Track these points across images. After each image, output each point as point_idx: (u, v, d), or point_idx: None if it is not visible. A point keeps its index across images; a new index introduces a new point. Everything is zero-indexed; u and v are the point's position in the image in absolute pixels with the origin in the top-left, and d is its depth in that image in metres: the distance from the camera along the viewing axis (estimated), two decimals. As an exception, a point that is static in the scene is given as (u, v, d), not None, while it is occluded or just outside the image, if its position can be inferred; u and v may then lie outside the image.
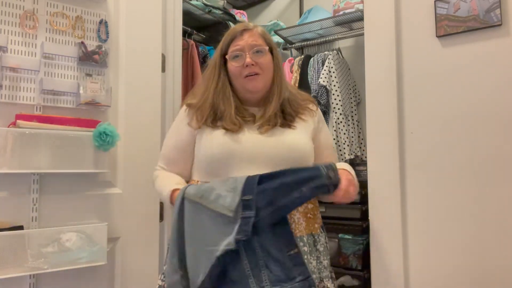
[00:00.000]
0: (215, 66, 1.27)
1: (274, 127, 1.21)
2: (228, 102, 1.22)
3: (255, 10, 3.22)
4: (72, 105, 1.54)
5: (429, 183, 1.56)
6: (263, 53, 1.23)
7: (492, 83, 1.46)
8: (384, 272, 1.62)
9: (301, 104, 1.31)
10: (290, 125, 1.23)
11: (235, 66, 1.22)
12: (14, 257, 1.32)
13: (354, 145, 2.39)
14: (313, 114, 1.31)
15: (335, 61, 2.43)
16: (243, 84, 1.23)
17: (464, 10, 1.51)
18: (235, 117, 1.20)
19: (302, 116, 1.28)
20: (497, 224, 1.43)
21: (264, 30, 1.29)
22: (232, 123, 1.19)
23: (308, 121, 1.29)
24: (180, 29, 1.99)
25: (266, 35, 1.28)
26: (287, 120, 1.24)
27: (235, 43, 1.23)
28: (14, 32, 1.43)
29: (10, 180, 1.39)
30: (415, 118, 1.60)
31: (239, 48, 1.22)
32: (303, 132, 1.25)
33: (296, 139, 1.22)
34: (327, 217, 2.29)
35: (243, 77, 1.22)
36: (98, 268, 1.50)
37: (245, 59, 1.20)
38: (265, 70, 1.23)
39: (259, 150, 1.17)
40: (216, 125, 1.22)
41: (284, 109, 1.25)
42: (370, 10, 1.73)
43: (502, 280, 1.41)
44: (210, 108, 1.23)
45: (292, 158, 1.18)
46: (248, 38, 1.22)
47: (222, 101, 1.23)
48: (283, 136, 1.21)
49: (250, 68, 1.20)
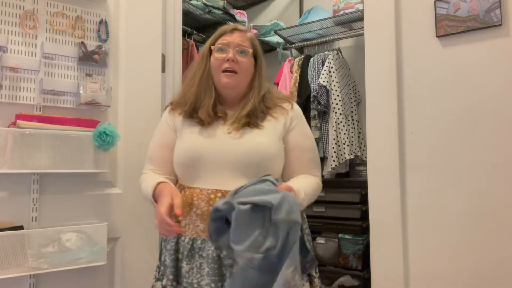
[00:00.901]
0: (203, 57, 1.31)
1: (243, 127, 1.23)
2: (210, 94, 1.27)
3: (255, 10, 3.22)
4: (72, 105, 1.54)
5: (429, 183, 1.56)
6: (246, 54, 1.27)
7: (492, 83, 1.46)
8: (384, 272, 1.62)
9: (276, 102, 1.31)
10: (259, 125, 1.24)
11: (217, 58, 1.26)
12: (14, 257, 1.31)
13: (354, 145, 2.39)
14: (286, 112, 1.30)
15: (335, 61, 2.43)
16: (219, 78, 1.26)
17: (464, 10, 1.51)
18: (211, 110, 1.25)
19: (273, 114, 1.28)
20: (497, 224, 1.43)
21: (254, 37, 1.34)
22: (206, 114, 1.24)
23: (278, 119, 1.28)
24: (180, 29, 1.99)
25: (254, 41, 1.32)
26: (258, 117, 1.25)
27: (224, 38, 1.28)
28: (14, 32, 1.43)
29: (10, 180, 1.39)
30: (415, 118, 1.60)
31: (226, 43, 1.26)
32: (270, 132, 1.25)
33: (259, 143, 1.22)
34: (327, 217, 2.29)
35: (221, 71, 1.25)
36: (98, 268, 1.50)
37: (228, 53, 1.24)
38: (243, 70, 1.26)
39: (222, 155, 1.20)
40: (193, 117, 1.27)
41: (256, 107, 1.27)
42: (370, 10, 1.73)
43: (502, 280, 1.41)
44: (194, 96, 1.28)
45: (254, 162, 1.19)
46: (236, 37, 1.27)
47: (204, 91, 1.27)
48: (248, 139, 1.22)
49: (230, 63, 1.24)
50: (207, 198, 1.18)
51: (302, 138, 1.30)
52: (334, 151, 2.31)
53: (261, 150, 1.21)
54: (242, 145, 1.21)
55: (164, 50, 1.86)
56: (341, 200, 2.27)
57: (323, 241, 2.26)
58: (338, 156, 2.32)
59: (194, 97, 1.28)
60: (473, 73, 1.50)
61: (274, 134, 1.25)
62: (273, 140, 1.24)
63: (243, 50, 1.26)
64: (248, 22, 2.74)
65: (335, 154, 2.31)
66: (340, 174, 2.43)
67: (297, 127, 1.30)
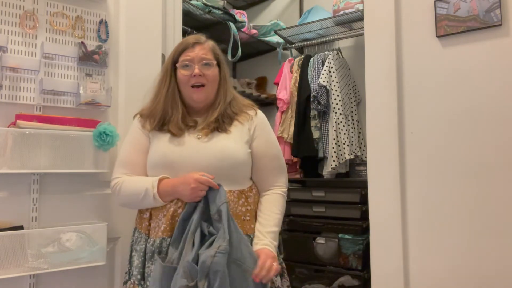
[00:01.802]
0: (166, 72, 1.37)
1: (212, 132, 1.30)
2: (176, 108, 1.33)
3: (255, 10, 3.22)
4: (72, 105, 1.54)
5: (429, 183, 1.56)
6: (211, 66, 1.33)
7: (492, 83, 1.46)
8: (384, 272, 1.62)
9: (241, 108, 1.39)
10: (227, 130, 1.32)
11: (184, 75, 1.32)
12: (14, 257, 1.31)
13: (354, 145, 2.39)
14: (250, 118, 1.37)
15: (335, 61, 2.43)
16: (189, 93, 1.33)
17: (464, 10, 1.51)
18: (180, 123, 1.31)
19: (239, 119, 1.36)
20: (497, 224, 1.43)
21: (215, 44, 1.39)
22: (177, 128, 1.30)
23: (244, 124, 1.36)
24: (180, 29, 1.99)
25: (215, 50, 1.38)
26: (225, 123, 1.33)
27: (186, 54, 1.33)
28: (14, 32, 1.43)
29: (10, 180, 1.39)
30: (415, 118, 1.60)
31: (189, 59, 1.31)
32: (237, 137, 1.32)
33: (227, 147, 1.29)
34: (327, 217, 2.29)
35: (189, 86, 1.32)
36: (98, 268, 1.50)
37: (194, 69, 1.30)
38: (210, 81, 1.33)
39: (197, 157, 1.27)
40: (163, 129, 1.33)
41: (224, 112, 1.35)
42: (370, 10, 1.73)
43: (502, 280, 1.41)
44: (161, 112, 1.34)
45: (224, 166, 1.26)
46: (199, 51, 1.32)
47: (171, 107, 1.33)
48: (216, 142, 1.29)
49: (197, 78, 1.31)
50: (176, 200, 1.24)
51: (267, 147, 1.37)
52: (334, 151, 2.31)
53: (231, 154, 1.28)
54: (212, 149, 1.28)
55: (164, 50, 1.86)
56: (341, 200, 2.28)
57: (323, 241, 2.26)
58: (338, 156, 2.32)
59: (161, 113, 1.34)
60: (473, 73, 1.50)
61: (241, 139, 1.33)
62: (240, 145, 1.31)
63: (208, 63, 1.32)
64: (248, 22, 2.73)
65: (335, 154, 2.31)
66: (340, 174, 2.43)
67: (262, 135, 1.37)
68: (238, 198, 1.28)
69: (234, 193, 1.27)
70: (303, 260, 2.31)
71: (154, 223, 1.28)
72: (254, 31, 2.78)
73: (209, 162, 1.26)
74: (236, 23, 2.58)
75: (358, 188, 2.22)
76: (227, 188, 1.24)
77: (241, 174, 1.32)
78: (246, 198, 1.30)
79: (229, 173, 1.27)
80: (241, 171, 1.31)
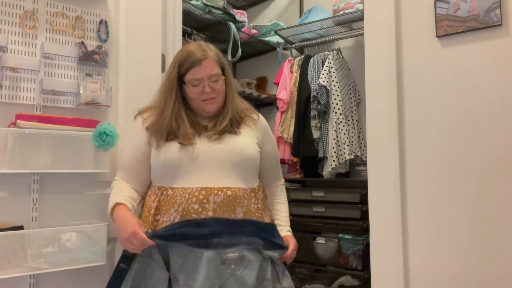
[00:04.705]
0: (172, 86, 1.35)
1: (223, 134, 1.34)
2: (183, 122, 1.34)
3: (255, 10, 3.22)
4: (72, 105, 1.54)
5: (429, 183, 1.56)
6: (219, 79, 1.35)
7: (492, 82, 1.46)
8: (384, 272, 1.62)
9: (245, 112, 1.45)
10: (237, 132, 1.37)
11: (194, 93, 1.34)
12: (14, 257, 1.31)
13: (354, 145, 2.39)
14: (255, 122, 1.44)
15: (335, 61, 2.43)
16: (201, 106, 1.36)
17: (464, 10, 1.51)
18: (190, 133, 1.32)
19: (246, 122, 1.42)
20: (496, 224, 1.43)
21: (217, 51, 1.39)
22: (187, 139, 1.31)
23: (251, 127, 1.42)
24: (180, 29, 1.99)
25: (219, 58, 1.38)
26: (234, 126, 1.37)
27: (194, 72, 1.32)
28: (14, 32, 1.43)
29: (10, 180, 1.39)
30: (415, 118, 1.60)
31: (199, 78, 1.32)
32: (248, 136, 1.38)
33: (241, 144, 1.35)
34: (327, 217, 2.29)
35: (200, 100, 1.34)
36: (98, 268, 1.50)
37: (205, 88, 1.32)
38: (220, 93, 1.37)
39: (210, 155, 1.30)
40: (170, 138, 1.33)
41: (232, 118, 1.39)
42: (370, 10, 1.73)
43: (502, 280, 1.41)
44: (168, 127, 1.34)
45: (237, 161, 1.32)
46: (206, 68, 1.32)
47: (177, 123, 1.34)
48: (231, 141, 1.34)
49: (208, 95, 1.33)
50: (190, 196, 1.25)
51: (274, 149, 1.52)
52: (334, 151, 2.31)
53: (246, 150, 1.35)
54: (224, 145, 1.32)
55: (164, 50, 1.86)
56: (341, 200, 2.28)
57: (323, 241, 2.27)
58: (338, 156, 2.32)
59: (168, 128, 1.33)
60: (473, 73, 1.50)
61: (251, 138, 1.39)
62: (251, 142, 1.38)
63: (216, 79, 1.34)
64: (248, 22, 2.73)
65: (335, 154, 2.31)
66: (340, 174, 2.43)
67: (268, 139, 1.48)
68: (250, 196, 1.32)
69: (247, 191, 1.32)
70: (303, 260, 2.31)
71: (164, 218, 1.27)
72: (254, 31, 2.78)
73: (223, 158, 1.30)
74: (236, 23, 2.58)
75: (358, 188, 2.22)
76: (241, 185, 1.30)
77: (252, 171, 1.38)
78: (256, 196, 1.36)
79: (243, 168, 1.33)
80: (252, 166, 1.37)
